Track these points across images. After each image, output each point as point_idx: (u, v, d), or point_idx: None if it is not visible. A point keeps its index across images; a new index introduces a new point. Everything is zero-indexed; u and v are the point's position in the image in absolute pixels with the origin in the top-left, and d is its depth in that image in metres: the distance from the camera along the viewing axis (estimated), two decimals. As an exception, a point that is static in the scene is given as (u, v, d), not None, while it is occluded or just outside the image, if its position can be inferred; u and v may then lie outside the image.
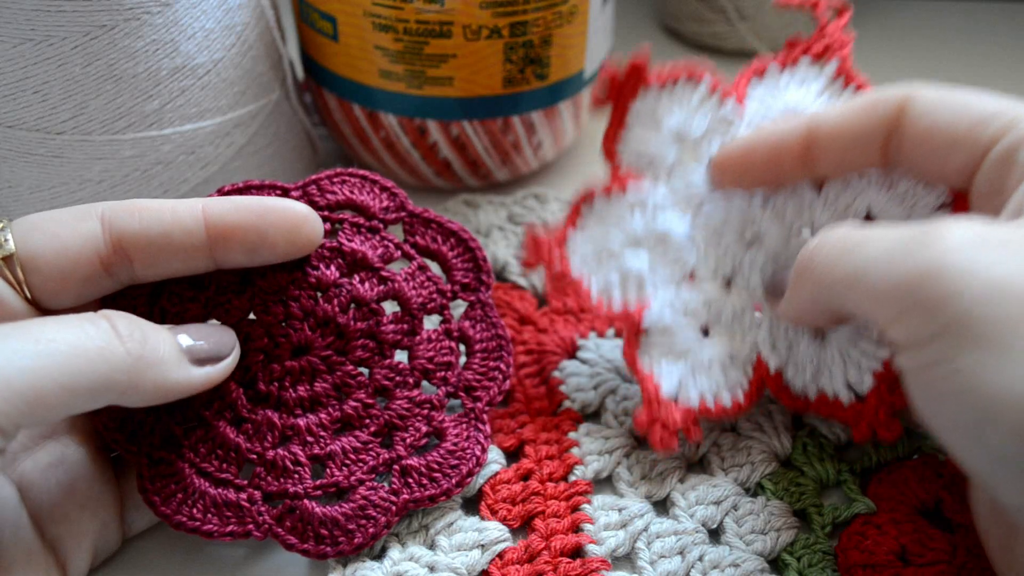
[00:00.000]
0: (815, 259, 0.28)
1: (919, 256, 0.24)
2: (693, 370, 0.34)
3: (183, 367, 0.29)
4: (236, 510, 0.31)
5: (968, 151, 0.29)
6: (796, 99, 0.34)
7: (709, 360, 0.34)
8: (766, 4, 0.58)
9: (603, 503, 0.33)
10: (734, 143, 0.33)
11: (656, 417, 0.32)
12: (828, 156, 0.32)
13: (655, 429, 0.32)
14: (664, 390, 0.33)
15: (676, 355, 0.34)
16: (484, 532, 0.31)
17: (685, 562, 0.31)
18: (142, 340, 0.27)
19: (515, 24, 0.41)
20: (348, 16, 0.41)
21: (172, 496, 0.30)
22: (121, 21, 0.36)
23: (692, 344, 0.34)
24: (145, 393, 0.27)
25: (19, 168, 0.38)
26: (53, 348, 0.25)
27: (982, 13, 0.66)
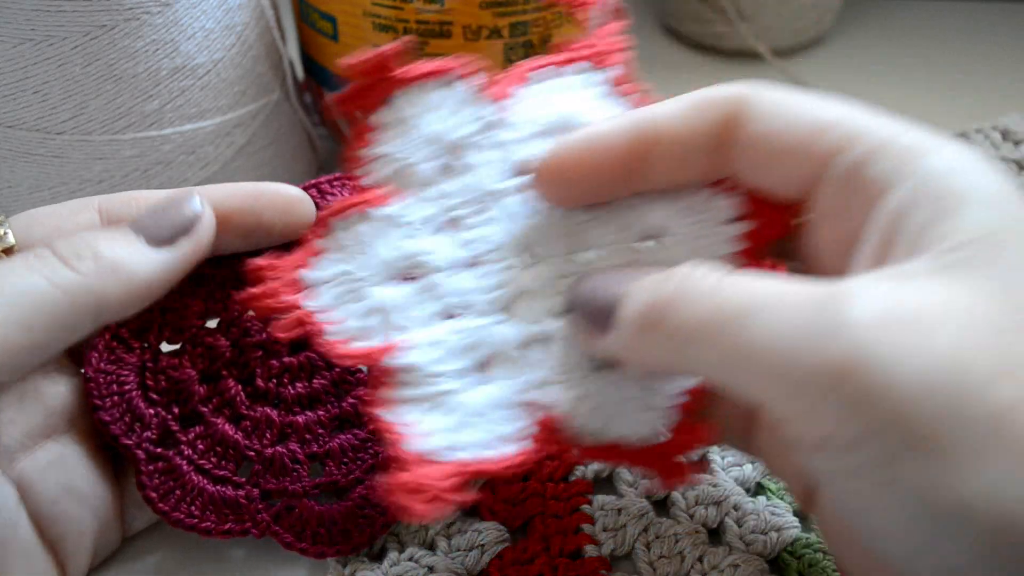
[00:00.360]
0: (677, 314, 0.23)
1: (833, 341, 0.20)
2: (461, 424, 0.27)
3: (146, 255, 0.27)
4: (234, 507, 0.31)
5: (805, 161, 0.25)
6: (570, 105, 0.30)
7: (480, 409, 0.28)
8: (766, 4, 0.58)
9: (603, 503, 0.33)
10: (555, 150, 0.28)
11: (406, 483, 0.25)
12: (658, 162, 0.27)
13: (403, 497, 0.25)
14: (421, 447, 0.27)
15: (439, 406, 0.28)
16: (484, 532, 0.31)
17: (685, 562, 0.31)
18: (92, 255, 0.26)
19: (515, 24, 0.41)
20: (348, 16, 0.41)
21: (170, 493, 0.30)
22: (121, 21, 0.36)
23: (457, 391, 0.28)
24: (119, 301, 0.26)
25: (19, 168, 0.38)
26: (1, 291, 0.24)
27: (982, 13, 0.66)
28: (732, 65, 0.61)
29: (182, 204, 0.28)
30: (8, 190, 0.39)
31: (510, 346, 0.29)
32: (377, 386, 0.28)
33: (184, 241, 0.28)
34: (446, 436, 0.27)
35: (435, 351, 0.28)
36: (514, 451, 0.27)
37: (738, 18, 0.59)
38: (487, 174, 0.30)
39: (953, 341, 0.20)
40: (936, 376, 0.19)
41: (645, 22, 0.66)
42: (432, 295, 0.29)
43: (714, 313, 0.22)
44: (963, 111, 0.54)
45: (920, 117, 0.54)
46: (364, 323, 0.29)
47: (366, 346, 0.28)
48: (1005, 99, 0.55)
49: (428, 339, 0.28)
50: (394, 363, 0.28)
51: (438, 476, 0.26)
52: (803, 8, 0.59)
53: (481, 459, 0.27)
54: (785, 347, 0.21)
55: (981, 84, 0.59)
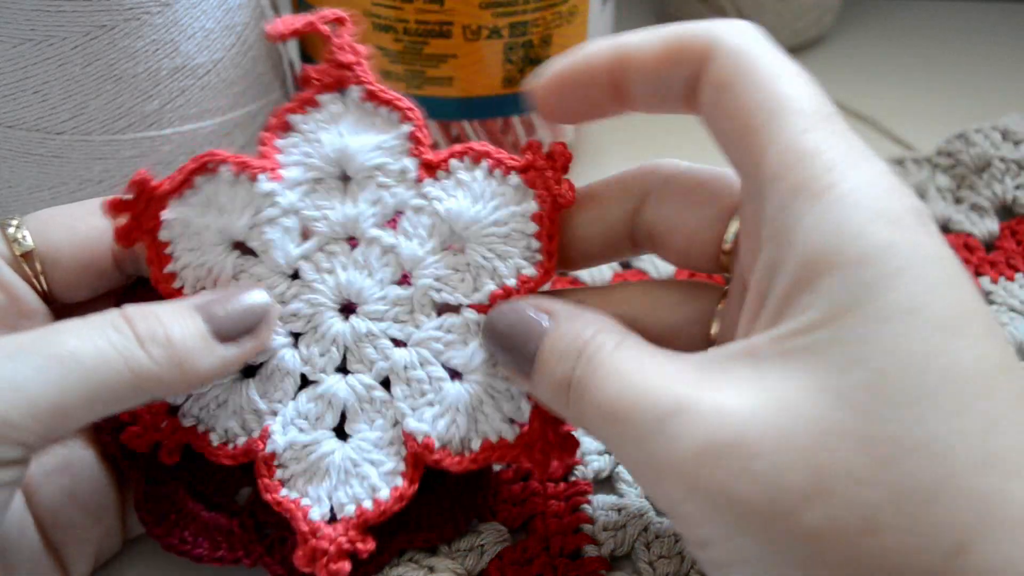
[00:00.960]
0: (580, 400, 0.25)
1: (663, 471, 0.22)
2: (339, 481, 0.30)
3: (212, 352, 0.27)
4: (227, 535, 0.31)
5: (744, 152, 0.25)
6: (341, 145, 0.30)
7: (352, 461, 0.30)
8: (766, 4, 0.58)
9: (603, 503, 0.33)
10: (550, 67, 0.28)
11: (316, 553, 0.29)
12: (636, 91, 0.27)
13: (319, 566, 0.29)
14: (317, 516, 0.29)
15: (316, 473, 0.30)
16: (484, 532, 0.31)
17: (685, 562, 0.31)
18: (165, 341, 0.26)
19: (515, 24, 0.41)
20: (348, 16, 0.41)
21: (165, 516, 0.30)
22: (121, 21, 0.36)
23: (328, 453, 0.30)
24: (177, 390, 0.27)
25: (19, 168, 0.38)
26: (75, 362, 0.24)
27: (982, 13, 0.66)
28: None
29: (255, 305, 0.29)
30: (8, 190, 0.39)
31: (359, 395, 0.31)
32: (263, 475, 0.30)
33: (247, 340, 0.28)
34: (330, 497, 0.30)
35: (301, 423, 0.30)
36: (388, 494, 0.30)
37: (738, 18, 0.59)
38: (284, 245, 0.30)
39: (769, 466, 0.21)
40: (752, 503, 0.20)
41: (645, 22, 0.65)
42: (281, 372, 0.31)
43: (603, 412, 0.24)
44: (963, 111, 0.54)
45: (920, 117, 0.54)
46: (238, 420, 0.30)
47: (244, 441, 0.30)
48: (1005, 99, 0.55)
49: (292, 415, 0.30)
50: (271, 449, 0.30)
51: (330, 538, 0.29)
52: (803, 8, 0.59)
53: (364, 509, 0.30)
54: (638, 465, 0.23)
55: (981, 84, 0.59)
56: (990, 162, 0.44)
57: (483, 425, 0.30)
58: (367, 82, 0.30)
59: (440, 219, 0.30)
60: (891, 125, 0.53)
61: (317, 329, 0.31)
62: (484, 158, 0.30)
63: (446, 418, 0.30)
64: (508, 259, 0.30)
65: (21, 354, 0.24)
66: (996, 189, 0.43)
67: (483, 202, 0.30)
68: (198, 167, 0.29)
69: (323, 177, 0.31)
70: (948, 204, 0.44)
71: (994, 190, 0.43)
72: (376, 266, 0.31)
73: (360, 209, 0.30)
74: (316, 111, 0.31)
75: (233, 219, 0.30)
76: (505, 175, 0.30)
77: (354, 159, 0.30)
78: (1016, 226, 0.43)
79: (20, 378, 0.24)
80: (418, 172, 0.30)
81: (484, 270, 0.30)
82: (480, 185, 0.30)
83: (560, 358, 0.26)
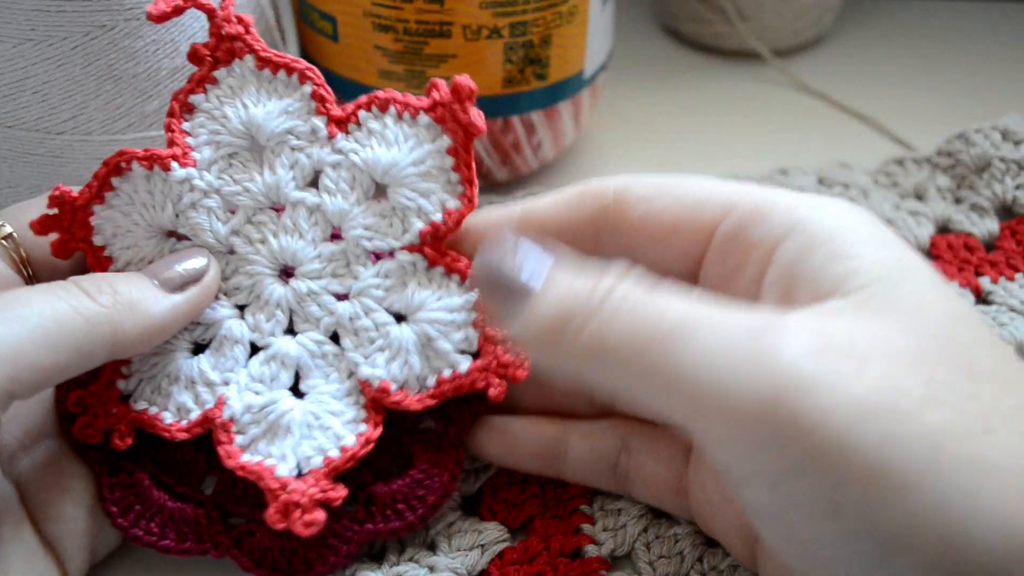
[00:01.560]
0: (598, 328, 0.22)
1: (767, 370, 0.20)
2: (303, 436, 0.30)
3: (162, 298, 0.29)
4: (194, 526, 0.30)
5: (689, 235, 0.27)
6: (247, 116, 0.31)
7: (312, 415, 0.30)
8: (766, 4, 0.58)
9: (603, 503, 0.33)
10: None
11: (289, 507, 0.28)
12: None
13: (294, 520, 0.28)
14: (284, 472, 0.29)
15: (277, 431, 0.30)
16: (484, 533, 0.31)
17: (685, 562, 0.31)
18: (112, 291, 0.28)
19: (515, 24, 0.41)
20: (348, 16, 0.41)
21: (130, 508, 0.30)
22: (121, 21, 0.36)
23: (287, 411, 0.30)
24: (134, 336, 0.28)
25: (19, 168, 0.38)
26: (27, 312, 0.26)
27: (982, 13, 0.66)
28: (732, 65, 0.61)
29: (193, 257, 0.30)
30: (8, 190, 0.39)
31: (307, 356, 0.31)
32: (223, 442, 0.30)
33: (193, 288, 0.30)
34: (295, 453, 0.30)
35: (256, 387, 0.31)
36: (352, 440, 0.30)
37: (738, 18, 0.59)
38: (212, 225, 0.31)
39: (883, 371, 0.21)
40: (872, 404, 0.20)
41: (645, 22, 0.66)
42: (230, 341, 0.31)
43: (642, 332, 0.22)
44: (963, 111, 0.54)
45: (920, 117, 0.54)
46: (191, 394, 0.31)
47: (198, 414, 0.30)
48: (1005, 99, 0.55)
49: (246, 380, 0.31)
50: (228, 415, 0.30)
51: (301, 491, 0.28)
52: (803, 8, 0.59)
53: (331, 458, 0.29)
54: (716, 375, 0.21)
55: (981, 84, 0.59)
56: (990, 162, 0.44)
57: (435, 361, 0.31)
58: (258, 50, 0.31)
59: (359, 170, 0.31)
60: (891, 125, 0.53)
61: (260, 297, 0.31)
62: (390, 104, 0.31)
63: (398, 360, 0.31)
64: (431, 195, 0.31)
65: None
66: (996, 189, 0.43)
67: (397, 146, 0.31)
68: (111, 170, 0.30)
69: (236, 151, 0.31)
70: (948, 204, 0.44)
71: (994, 190, 0.43)
72: (305, 227, 0.31)
73: (279, 175, 0.31)
74: (215, 88, 0.31)
75: (157, 212, 0.31)
76: (414, 117, 0.31)
77: (262, 128, 0.31)
78: (1016, 226, 0.43)
79: None
80: (328, 129, 0.31)
81: (409, 210, 0.31)
82: (392, 131, 0.31)
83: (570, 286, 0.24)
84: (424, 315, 0.31)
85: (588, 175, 0.32)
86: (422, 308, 0.31)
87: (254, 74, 0.31)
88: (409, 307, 0.31)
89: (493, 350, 0.30)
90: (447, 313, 0.31)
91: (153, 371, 0.31)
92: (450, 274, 0.31)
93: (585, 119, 0.49)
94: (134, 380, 0.31)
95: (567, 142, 0.49)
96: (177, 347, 0.31)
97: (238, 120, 0.31)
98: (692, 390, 0.21)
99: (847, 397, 0.20)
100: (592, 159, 0.52)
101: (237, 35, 0.31)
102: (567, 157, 0.52)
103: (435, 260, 0.31)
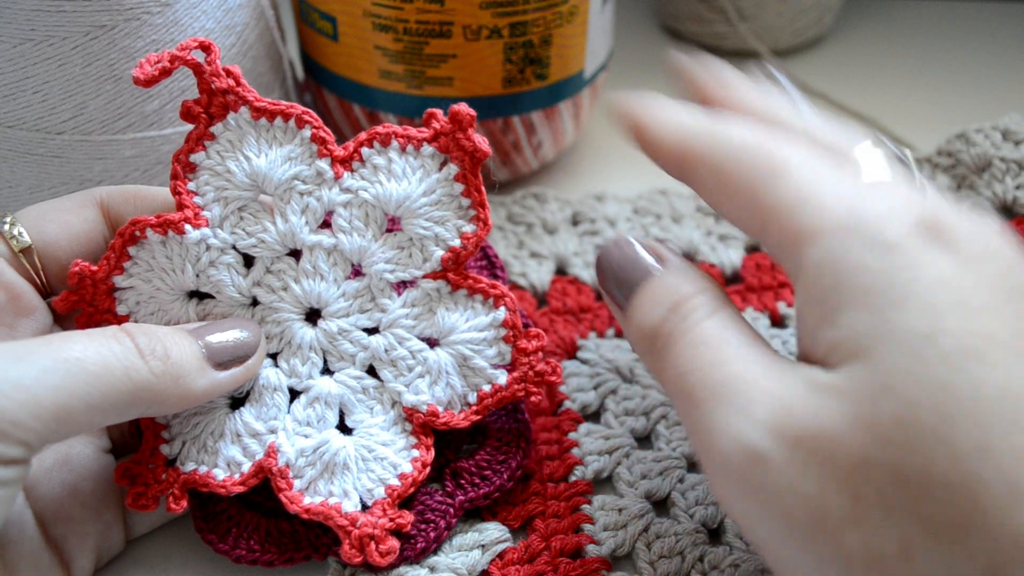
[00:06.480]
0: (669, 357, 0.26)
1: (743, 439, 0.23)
2: (360, 470, 0.31)
3: (206, 374, 0.29)
4: (292, 537, 0.31)
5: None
6: (250, 169, 0.31)
7: (365, 449, 0.31)
8: (766, 4, 0.58)
9: (603, 503, 0.33)
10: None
11: (363, 540, 0.30)
12: None
13: (370, 552, 0.30)
14: (350, 508, 0.30)
15: (334, 470, 0.31)
16: (484, 532, 0.32)
17: (685, 562, 0.31)
18: (164, 356, 0.27)
19: (515, 24, 0.41)
20: (348, 16, 0.41)
21: (228, 532, 0.31)
22: (121, 21, 0.36)
23: (339, 448, 0.31)
24: (170, 406, 0.28)
25: (19, 168, 0.38)
26: (80, 368, 0.25)
27: (982, 13, 0.66)
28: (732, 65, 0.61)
29: (247, 339, 0.30)
30: (8, 190, 0.39)
31: (351, 387, 0.32)
32: (282, 488, 0.30)
33: (237, 370, 0.30)
34: (356, 488, 0.31)
35: (304, 430, 0.31)
36: (409, 467, 0.31)
37: (738, 18, 0.59)
38: (233, 280, 0.32)
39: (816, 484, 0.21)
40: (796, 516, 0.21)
41: (645, 22, 0.65)
42: (269, 390, 0.31)
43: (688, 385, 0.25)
44: (963, 111, 0.54)
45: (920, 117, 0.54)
46: (239, 447, 0.31)
47: (250, 465, 0.31)
48: (1005, 99, 0.55)
49: (293, 426, 0.31)
50: (284, 462, 0.31)
51: (371, 524, 0.30)
52: (803, 8, 0.59)
53: (392, 487, 0.31)
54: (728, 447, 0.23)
55: (981, 84, 0.59)
56: (990, 162, 0.44)
57: (473, 378, 0.32)
58: (251, 100, 0.31)
59: (371, 206, 0.31)
60: (891, 125, 0.53)
61: (291, 343, 0.32)
62: (392, 138, 0.31)
63: (440, 383, 0.32)
64: (446, 223, 0.31)
65: (29, 357, 0.25)
66: (996, 189, 0.43)
67: (407, 179, 0.31)
68: (126, 240, 0.31)
69: (245, 203, 0.32)
70: (948, 204, 0.44)
71: (994, 190, 0.43)
72: (326, 268, 0.32)
73: (292, 222, 0.31)
74: (214, 144, 0.32)
75: (178, 276, 0.31)
76: (418, 148, 0.31)
77: (268, 177, 0.31)
78: (1016, 226, 0.43)
79: (27, 380, 0.24)
80: (333, 170, 0.31)
81: (427, 239, 0.32)
82: (398, 164, 0.31)
83: (654, 305, 0.27)
84: (456, 336, 0.32)
85: (588, 175, 0.32)
86: (453, 331, 0.32)
87: (251, 124, 0.31)
88: (441, 331, 0.32)
89: (528, 361, 0.32)
90: (478, 332, 0.32)
91: (196, 431, 0.31)
92: (473, 295, 0.32)
93: (585, 119, 0.49)
94: (178, 443, 0.31)
95: (567, 142, 0.49)
96: (217, 404, 0.31)
97: (242, 173, 0.31)
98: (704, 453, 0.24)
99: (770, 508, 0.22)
100: (592, 159, 0.52)
101: (228, 88, 0.31)
102: (567, 157, 0.52)
103: (458, 284, 0.32)
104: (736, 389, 0.23)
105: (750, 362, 0.24)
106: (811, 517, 0.21)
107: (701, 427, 0.24)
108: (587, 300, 0.41)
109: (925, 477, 0.20)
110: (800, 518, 0.21)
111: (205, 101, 0.31)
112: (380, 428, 0.32)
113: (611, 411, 0.36)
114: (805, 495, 0.21)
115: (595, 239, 0.44)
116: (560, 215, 0.45)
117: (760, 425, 0.22)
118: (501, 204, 0.46)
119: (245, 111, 0.31)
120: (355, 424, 0.32)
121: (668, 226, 0.45)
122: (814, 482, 0.21)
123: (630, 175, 0.48)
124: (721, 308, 0.26)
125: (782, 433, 0.22)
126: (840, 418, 0.21)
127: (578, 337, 0.39)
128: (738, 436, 0.22)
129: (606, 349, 0.38)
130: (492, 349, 0.32)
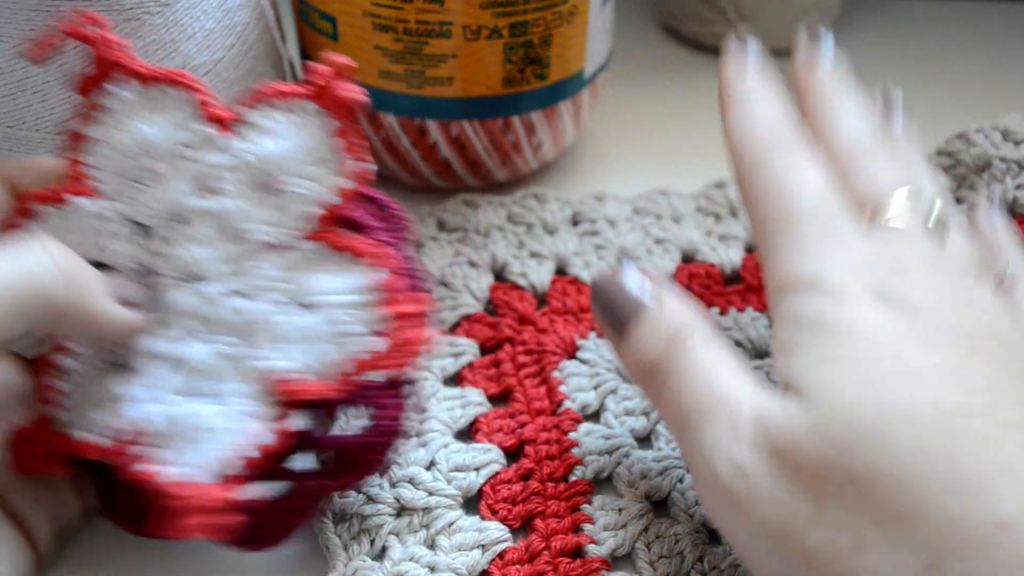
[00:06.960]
0: (666, 386, 0.28)
1: (733, 458, 0.25)
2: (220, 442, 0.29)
3: (109, 301, 0.29)
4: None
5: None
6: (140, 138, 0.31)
7: (229, 417, 0.30)
8: (766, 4, 0.58)
9: (603, 503, 0.33)
10: None
11: (196, 509, 0.27)
12: None
13: (196, 526, 0.27)
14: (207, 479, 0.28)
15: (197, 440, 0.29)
16: (484, 532, 0.31)
17: (685, 562, 0.31)
18: (74, 265, 0.28)
19: (515, 24, 0.41)
20: (348, 16, 0.41)
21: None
22: (121, 21, 0.36)
23: (205, 415, 0.29)
24: (75, 318, 0.28)
25: (19, 168, 0.38)
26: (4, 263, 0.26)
27: (982, 13, 0.66)
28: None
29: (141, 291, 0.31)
30: (8, 190, 0.39)
31: (223, 355, 0.30)
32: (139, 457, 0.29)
33: (133, 312, 0.30)
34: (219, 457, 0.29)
35: (172, 398, 0.30)
36: (272, 437, 0.29)
37: (738, 18, 0.59)
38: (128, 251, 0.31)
39: (786, 489, 0.24)
40: (768, 522, 0.24)
41: (645, 22, 0.65)
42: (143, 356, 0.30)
43: (685, 404, 0.27)
44: (963, 111, 0.54)
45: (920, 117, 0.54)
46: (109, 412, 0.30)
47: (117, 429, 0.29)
48: (1005, 99, 0.55)
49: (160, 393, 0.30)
50: (148, 429, 0.29)
51: (212, 494, 0.28)
52: (803, 8, 0.59)
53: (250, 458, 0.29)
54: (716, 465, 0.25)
55: (981, 84, 0.59)
56: (990, 162, 0.44)
57: (350, 346, 0.30)
58: (139, 69, 0.31)
59: (256, 168, 0.31)
60: (891, 125, 0.53)
61: (169, 308, 0.31)
62: (274, 97, 0.31)
63: (313, 351, 0.30)
64: (325, 180, 0.31)
65: None
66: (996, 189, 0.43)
67: (288, 138, 0.31)
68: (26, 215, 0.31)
69: (140, 174, 0.32)
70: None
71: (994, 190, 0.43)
72: (212, 234, 0.31)
73: (178, 188, 0.31)
74: (104, 115, 0.32)
75: (85, 247, 0.31)
76: (302, 106, 0.31)
77: (157, 146, 0.31)
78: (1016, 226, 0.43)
79: None
80: (221, 134, 0.31)
81: (307, 199, 0.31)
82: (283, 124, 0.31)
83: (653, 339, 0.29)
84: (331, 299, 0.30)
85: (588, 175, 0.32)
86: (330, 294, 0.30)
87: (140, 94, 0.31)
88: (317, 295, 0.30)
89: (403, 327, 0.30)
90: (354, 295, 0.30)
91: (79, 398, 0.30)
92: (355, 257, 0.31)
93: (585, 119, 0.49)
94: (63, 409, 0.31)
95: (567, 142, 0.49)
96: (100, 367, 0.31)
97: (133, 144, 0.31)
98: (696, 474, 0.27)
99: (750, 514, 0.24)
100: (592, 159, 0.52)
101: (115, 59, 0.31)
102: (567, 157, 0.52)
103: (337, 244, 0.31)
104: (727, 409, 0.26)
105: (740, 385, 0.26)
106: (782, 521, 0.23)
107: (694, 447, 0.26)
108: (587, 300, 0.41)
109: (871, 474, 0.23)
110: (773, 523, 0.24)
111: (95, 72, 0.31)
112: (246, 397, 0.30)
113: (611, 411, 0.36)
114: (778, 502, 0.24)
115: (595, 239, 0.44)
116: (560, 215, 0.45)
117: (746, 441, 0.25)
118: (501, 204, 0.46)
119: (135, 82, 0.31)
120: (224, 392, 0.30)
121: (668, 226, 0.45)
122: (785, 489, 0.24)
123: (630, 175, 0.48)
124: (713, 337, 0.28)
125: (763, 447, 0.24)
126: (804, 429, 0.24)
127: (578, 337, 0.39)
128: (728, 453, 0.25)
129: (606, 349, 0.39)
130: (370, 314, 0.30)
